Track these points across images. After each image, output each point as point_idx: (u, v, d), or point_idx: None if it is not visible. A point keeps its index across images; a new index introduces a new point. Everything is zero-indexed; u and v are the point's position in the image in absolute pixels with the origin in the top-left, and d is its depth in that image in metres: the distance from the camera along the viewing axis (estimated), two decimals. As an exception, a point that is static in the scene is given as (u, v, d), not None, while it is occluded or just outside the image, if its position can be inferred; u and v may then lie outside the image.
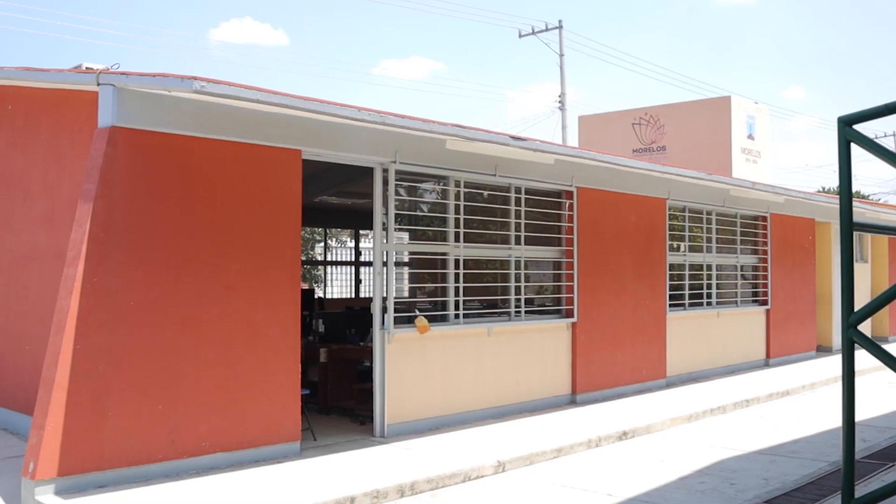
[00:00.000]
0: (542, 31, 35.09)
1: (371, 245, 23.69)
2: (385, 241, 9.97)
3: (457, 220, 10.76)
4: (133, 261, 7.69)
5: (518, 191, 11.60)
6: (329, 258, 23.62)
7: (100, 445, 7.38)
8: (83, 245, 7.39)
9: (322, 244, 23.77)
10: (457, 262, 10.77)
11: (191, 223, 8.11)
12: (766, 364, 17.29)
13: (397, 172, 10.00)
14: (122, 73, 7.60)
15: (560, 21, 34.84)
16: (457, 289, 10.75)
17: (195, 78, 6.94)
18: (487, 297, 11.80)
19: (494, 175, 11.17)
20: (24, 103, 10.30)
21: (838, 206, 4.63)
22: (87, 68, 8.59)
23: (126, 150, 7.70)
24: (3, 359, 10.43)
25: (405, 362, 10.06)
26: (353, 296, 22.21)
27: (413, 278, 12.53)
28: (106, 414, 7.43)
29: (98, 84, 7.78)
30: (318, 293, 22.07)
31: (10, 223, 10.39)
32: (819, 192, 33.40)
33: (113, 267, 7.54)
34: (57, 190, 9.32)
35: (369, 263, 22.50)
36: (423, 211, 11.11)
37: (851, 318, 4.59)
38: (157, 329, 7.81)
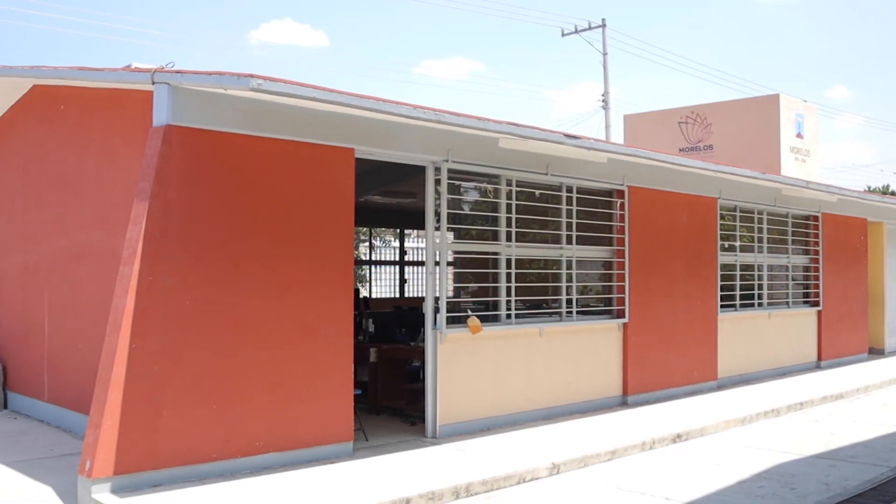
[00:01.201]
0: (585, 30, 34.92)
1: (416, 245, 24.03)
2: (437, 240, 9.88)
3: (508, 219, 10.66)
4: (188, 260, 7.68)
5: (570, 190, 11.47)
6: (373, 258, 23.62)
7: (155, 444, 7.38)
8: (139, 244, 7.39)
9: (367, 244, 23.73)
10: (508, 261, 10.67)
11: (245, 222, 8.08)
12: (817, 366, 16.98)
13: (449, 171, 9.92)
14: (178, 72, 7.58)
15: (603, 20, 34.73)
16: (508, 289, 10.64)
17: (252, 76, 6.90)
18: (538, 297, 11.67)
19: (546, 174, 11.05)
20: (76, 103, 10.35)
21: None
22: (135, 68, 8.59)
23: (181, 148, 7.69)
24: (57, 358, 10.50)
25: (457, 362, 9.97)
26: (398, 295, 22.18)
27: (457, 278, 12.45)
28: (161, 413, 7.42)
29: (153, 83, 7.77)
30: (363, 293, 22.06)
31: (64, 222, 10.45)
32: (866, 191, 32.82)
33: (168, 266, 7.54)
34: (110, 189, 9.35)
35: (415, 263, 22.54)
36: (472, 210, 10.98)
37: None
38: (213, 328, 7.80)
